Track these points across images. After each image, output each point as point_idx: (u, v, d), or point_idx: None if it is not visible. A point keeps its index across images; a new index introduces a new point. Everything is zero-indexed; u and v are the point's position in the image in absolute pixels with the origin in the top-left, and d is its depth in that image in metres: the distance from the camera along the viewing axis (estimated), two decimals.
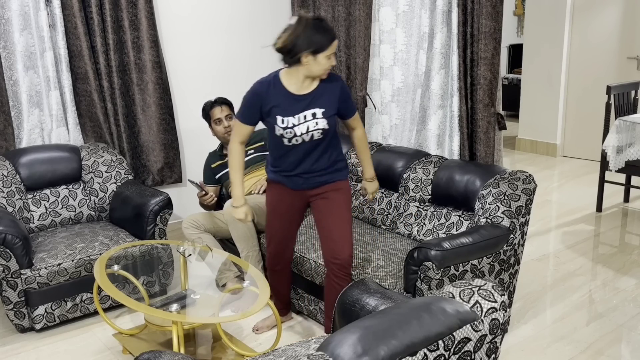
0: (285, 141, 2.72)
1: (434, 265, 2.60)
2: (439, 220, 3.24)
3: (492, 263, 2.84)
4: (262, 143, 3.79)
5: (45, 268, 3.17)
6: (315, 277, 3.12)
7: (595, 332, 3.14)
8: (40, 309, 3.19)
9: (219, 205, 3.78)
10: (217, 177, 3.82)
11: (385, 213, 3.53)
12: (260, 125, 2.81)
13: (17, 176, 3.59)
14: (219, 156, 3.84)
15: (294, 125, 2.67)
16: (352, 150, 3.89)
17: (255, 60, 4.69)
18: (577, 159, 6.73)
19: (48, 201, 3.67)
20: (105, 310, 3.34)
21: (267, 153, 3.65)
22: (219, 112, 3.71)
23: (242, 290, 2.92)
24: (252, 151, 3.78)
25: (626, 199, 5.20)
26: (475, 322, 1.55)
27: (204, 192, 3.63)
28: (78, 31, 3.81)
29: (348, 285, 2.24)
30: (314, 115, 2.68)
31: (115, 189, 3.79)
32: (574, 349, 2.99)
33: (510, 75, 8.84)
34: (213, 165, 3.83)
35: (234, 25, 4.58)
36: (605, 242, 4.41)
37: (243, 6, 4.59)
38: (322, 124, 2.69)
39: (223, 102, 3.76)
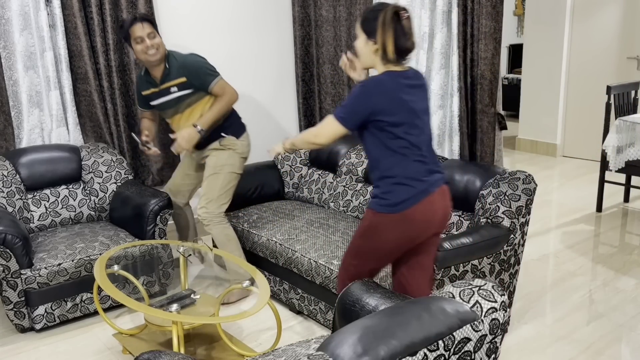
0: None
1: (434, 265, 2.60)
2: None
3: (492, 263, 2.84)
4: (185, 79, 3.42)
5: (45, 268, 3.17)
6: (316, 277, 3.12)
7: (595, 332, 3.14)
8: (40, 309, 3.19)
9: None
10: (152, 105, 3.56)
11: None
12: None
13: (17, 176, 3.59)
14: (146, 82, 3.53)
15: None
16: (352, 150, 3.89)
17: (255, 59, 4.69)
18: (577, 159, 6.73)
19: (48, 201, 3.67)
20: (105, 310, 3.34)
21: (190, 91, 3.43)
22: (139, 30, 3.34)
23: (242, 290, 2.92)
24: (175, 89, 3.43)
25: (626, 199, 5.20)
26: (475, 322, 1.55)
27: (146, 148, 3.54)
28: (78, 31, 3.81)
29: (348, 285, 2.24)
30: None
31: (115, 189, 3.79)
32: (574, 349, 2.99)
33: (510, 75, 8.84)
34: (144, 93, 3.56)
35: (234, 24, 4.58)
36: (605, 242, 4.41)
37: (243, 5, 4.59)
38: None
39: (145, 18, 3.40)
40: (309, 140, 2.43)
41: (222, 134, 3.51)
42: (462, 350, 1.52)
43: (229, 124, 3.56)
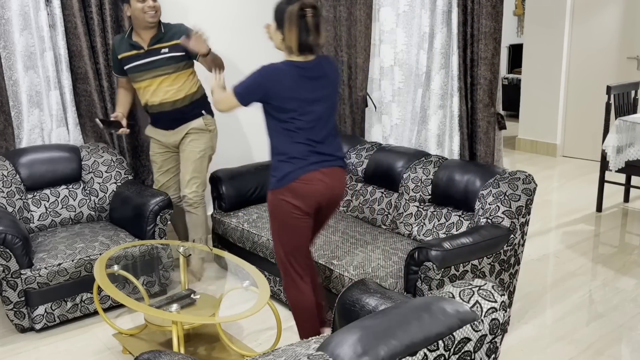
0: None
1: (434, 265, 2.60)
2: (439, 220, 3.24)
3: (492, 263, 2.84)
4: (180, 42, 3.51)
5: (45, 268, 3.17)
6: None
7: (595, 332, 3.14)
8: (40, 309, 3.19)
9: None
10: (125, 68, 3.60)
11: (385, 213, 3.53)
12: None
13: (17, 176, 3.59)
14: (129, 45, 3.56)
15: None
16: (352, 150, 3.89)
17: (256, 59, 4.68)
18: (577, 159, 6.73)
19: (48, 201, 3.67)
20: (105, 310, 3.34)
21: (182, 54, 3.56)
22: None
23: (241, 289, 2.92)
24: (167, 50, 3.52)
25: (626, 199, 5.20)
26: (475, 322, 1.55)
27: (113, 130, 3.62)
28: (78, 31, 3.81)
29: (349, 285, 2.24)
30: None
31: (115, 189, 3.79)
32: (574, 349, 2.99)
33: (510, 75, 8.84)
34: (120, 56, 3.59)
35: (234, 24, 4.58)
36: (605, 242, 4.41)
37: (243, 5, 4.59)
38: None
39: None
40: (213, 100, 2.76)
41: (203, 112, 3.68)
42: (462, 350, 1.52)
43: (206, 103, 3.75)
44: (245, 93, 2.58)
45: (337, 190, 2.69)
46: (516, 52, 9.11)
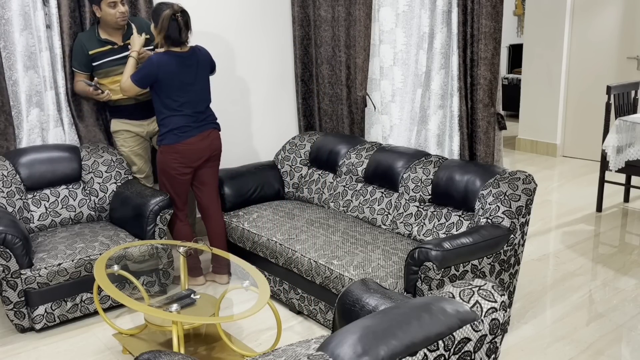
0: None
1: (434, 265, 2.60)
2: (439, 220, 3.24)
3: (492, 263, 2.84)
4: (148, 36, 3.67)
5: (45, 268, 3.17)
6: (316, 277, 3.12)
7: (595, 332, 3.14)
8: (40, 309, 3.19)
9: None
10: (94, 65, 3.70)
11: (385, 213, 3.53)
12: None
13: (17, 176, 3.59)
14: (97, 41, 3.68)
15: None
16: (352, 150, 3.89)
17: (255, 59, 4.69)
18: (577, 159, 6.74)
19: (48, 201, 3.67)
20: (105, 310, 3.34)
21: (153, 47, 3.75)
22: None
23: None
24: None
25: (626, 199, 5.20)
26: (475, 322, 1.55)
27: (99, 91, 3.64)
28: (71, 31, 3.79)
29: (349, 285, 2.24)
30: None
31: (115, 189, 3.79)
32: (574, 349, 2.99)
33: (510, 75, 8.85)
34: (91, 52, 3.68)
35: (233, 24, 4.58)
36: (605, 242, 4.41)
37: (243, 5, 4.59)
38: None
39: None
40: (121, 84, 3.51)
41: None
42: (462, 350, 1.52)
43: None
44: (141, 80, 3.37)
45: (213, 145, 3.63)
46: (516, 52, 9.11)
